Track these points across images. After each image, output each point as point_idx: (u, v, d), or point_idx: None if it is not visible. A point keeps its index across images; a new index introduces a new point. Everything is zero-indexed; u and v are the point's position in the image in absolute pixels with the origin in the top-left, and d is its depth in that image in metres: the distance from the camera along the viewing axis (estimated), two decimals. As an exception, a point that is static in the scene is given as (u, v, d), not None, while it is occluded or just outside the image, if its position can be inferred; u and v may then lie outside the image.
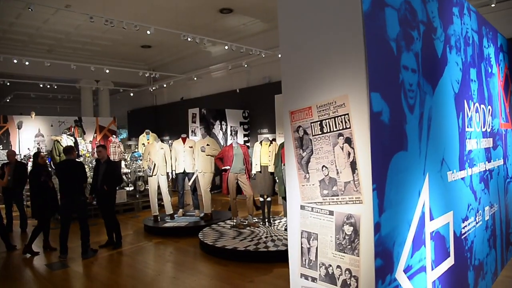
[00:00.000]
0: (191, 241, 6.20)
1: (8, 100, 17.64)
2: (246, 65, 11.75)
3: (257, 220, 6.83)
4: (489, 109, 4.03)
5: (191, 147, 7.40)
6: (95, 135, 13.82)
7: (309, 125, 2.28)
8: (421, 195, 2.45)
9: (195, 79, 13.99)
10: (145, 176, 9.15)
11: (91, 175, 7.12)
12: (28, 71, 12.58)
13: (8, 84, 12.80)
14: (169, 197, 7.48)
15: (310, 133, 2.28)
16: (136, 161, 9.90)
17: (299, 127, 2.33)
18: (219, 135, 11.41)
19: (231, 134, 11.75)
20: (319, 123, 2.22)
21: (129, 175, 9.76)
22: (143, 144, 10.36)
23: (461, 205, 3.16)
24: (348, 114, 2.07)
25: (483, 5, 7.34)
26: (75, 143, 9.84)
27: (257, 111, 11.87)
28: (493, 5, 7.14)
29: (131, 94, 16.44)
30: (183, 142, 7.48)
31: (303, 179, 2.33)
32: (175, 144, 7.56)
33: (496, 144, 4.20)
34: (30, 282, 4.81)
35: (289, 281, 2.46)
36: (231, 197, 6.57)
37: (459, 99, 3.18)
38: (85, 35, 12.02)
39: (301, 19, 2.29)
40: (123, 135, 18.84)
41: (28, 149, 11.83)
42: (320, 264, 2.24)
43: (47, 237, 6.00)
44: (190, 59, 14.56)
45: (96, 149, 6.31)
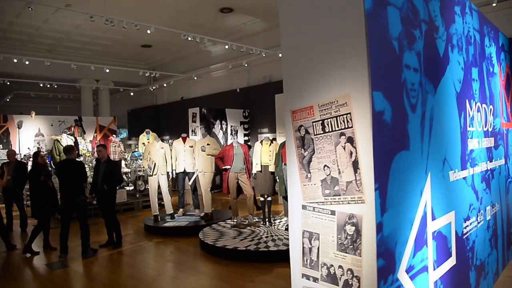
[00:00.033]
0: (192, 241, 6.19)
1: (8, 99, 17.66)
2: (246, 65, 11.75)
3: (258, 219, 6.82)
4: (491, 109, 4.02)
5: (192, 147, 7.39)
6: (95, 134, 13.81)
7: (310, 124, 2.27)
8: (423, 195, 2.44)
9: (196, 78, 13.99)
10: (145, 175, 9.14)
11: (91, 174, 7.11)
12: (28, 71, 12.59)
13: (8, 83, 12.81)
14: (169, 197, 7.46)
15: (311, 132, 2.27)
16: (136, 160, 9.90)
17: (301, 126, 2.32)
18: (219, 134, 11.40)
19: (231, 133, 11.74)
20: (320, 122, 2.21)
21: (129, 175, 9.76)
22: (143, 143, 10.35)
23: (462, 205, 3.15)
24: (350, 113, 2.06)
25: (484, 4, 7.33)
26: (75, 143, 9.84)
27: (257, 110, 11.86)
28: (494, 4, 7.13)
29: (131, 93, 16.45)
30: (184, 141, 7.47)
31: (304, 179, 2.32)
32: (176, 143, 7.55)
33: (497, 143, 4.19)
34: (30, 281, 4.80)
35: (289, 281, 2.45)
36: (232, 196, 6.56)
37: (461, 99, 3.17)
38: (85, 35, 12.01)
39: (303, 17, 2.28)
40: (123, 134, 18.83)
41: (28, 148, 11.83)
42: (321, 264, 2.23)
43: (47, 236, 5.99)
44: (190, 59, 14.55)
45: (96, 148, 6.31)
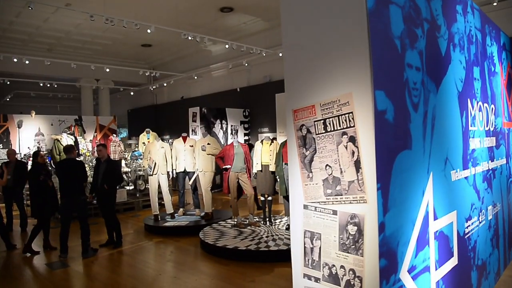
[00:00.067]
0: (192, 241, 6.18)
1: (8, 99, 17.65)
2: (246, 64, 11.74)
3: (258, 219, 6.81)
4: (492, 108, 4.01)
5: (192, 146, 7.38)
6: (95, 134, 13.78)
7: (312, 123, 2.25)
8: (425, 195, 2.43)
9: (196, 78, 13.98)
10: (146, 175, 9.13)
11: (91, 174, 7.11)
12: (28, 70, 12.57)
13: (8, 83, 12.81)
14: (170, 196, 7.46)
15: (313, 131, 2.25)
16: (136, 160, 9.89)
17: (302, 125, 2.31)
18: (220, 134, 11.39)
19: (232, 133, 11.73)
20: (322, 121, 2.20)
21: (129, 174, 9.75)
22: (144, 143, 10.35)
23: (464, 205, 3.14)
24: (352, 112, 2.04)
25: (485, 4, 7.33)
26: (75, 142, 9.84)
27: (258, 110, 11.86)
28: (495, 4, 7.12)
29: (132, 93, 16.45)
30: (184, 141, 7.46)
31: (306, 178, 2.31)
32: (176, 143, 7.54)
33: (499, 143, 4.17)
34: (30, 281, 4.79)
35: (290, 281, 2.44)
36: (232, 196, 6.55)
37: (462, 98, 3.15)
38: (85, 34, 12.00)
39: (305, 17, 2.27)
40: (124, 134, 18.83)
41: (28, 148, 11.82)
42: (323, 264, 2.22)
43: (47, 236, 5.98)
44: (190, 58, 14.53)
45: (96, 148, 6.30)
